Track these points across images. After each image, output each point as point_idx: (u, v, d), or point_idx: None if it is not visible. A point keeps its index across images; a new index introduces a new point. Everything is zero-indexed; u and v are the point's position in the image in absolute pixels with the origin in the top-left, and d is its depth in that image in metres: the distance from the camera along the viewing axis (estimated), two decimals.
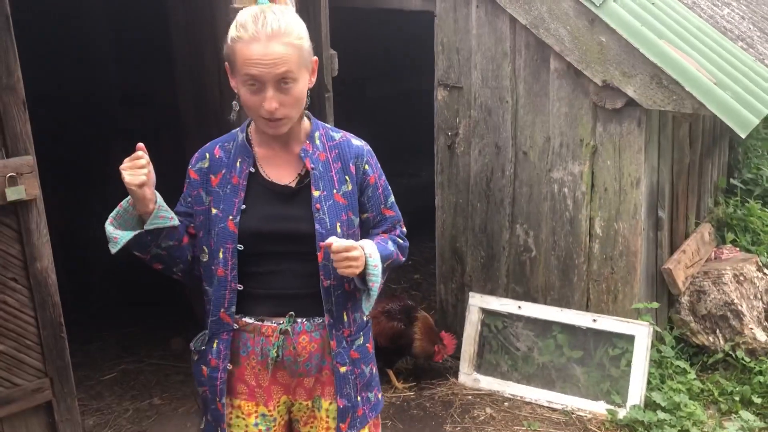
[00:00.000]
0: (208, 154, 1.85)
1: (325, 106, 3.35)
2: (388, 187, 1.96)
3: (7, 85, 2.60)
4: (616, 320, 3.41)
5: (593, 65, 3.13)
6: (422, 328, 3.61)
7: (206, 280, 1.86)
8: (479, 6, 3.42)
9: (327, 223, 1.78)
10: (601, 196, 3.35)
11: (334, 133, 1.89)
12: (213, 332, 1.85)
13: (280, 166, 1.83)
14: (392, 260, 1.89)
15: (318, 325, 1.83)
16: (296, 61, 1.68)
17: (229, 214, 1.78)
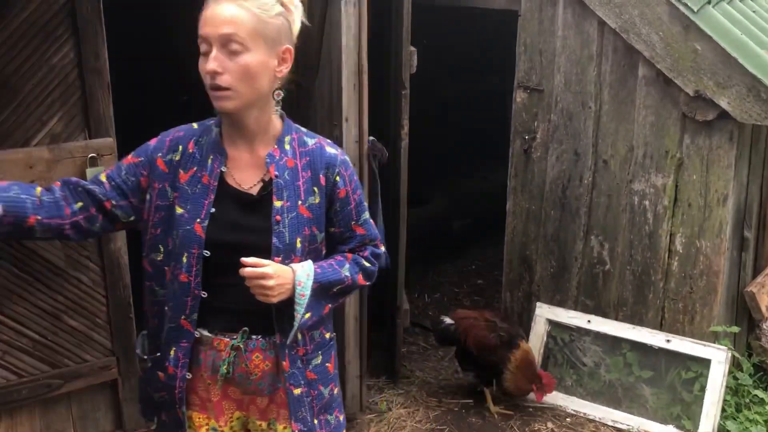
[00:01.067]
0: (181, 147, 1.69)
1: (401, 102, 3.30)
2: (362, 203, 1.81)
3: (93, 67, 2.65)
4: (691, 342, 3.24)
5: (685, 74, 2.98)
6: (520, 359, 3.32)
7: (156, 280, 1.72)
8: (566, 7, 3.31)
9: (286, 237, 1.65)
10: (684, 211, 3.19)
11: (308, 138, 1.73)
12: (170, 339, 1.72)
13: (243, 168, 1.68)
14: (344, 285, 1.75)
15: (274, 343, 1.71)
16: (249, 27, 1.55)
17: (197, 217, 1.64)
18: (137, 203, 1.70)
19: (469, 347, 3.42)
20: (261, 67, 1.57)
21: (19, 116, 2.57)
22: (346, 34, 2.79)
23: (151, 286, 1.75)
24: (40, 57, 2.56)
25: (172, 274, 1.68)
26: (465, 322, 3.50)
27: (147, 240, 1.72)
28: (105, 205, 1.67)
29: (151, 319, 1.79)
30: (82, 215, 1.65)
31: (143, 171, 1.69)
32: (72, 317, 2.82)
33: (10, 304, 2.70)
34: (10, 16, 2.47)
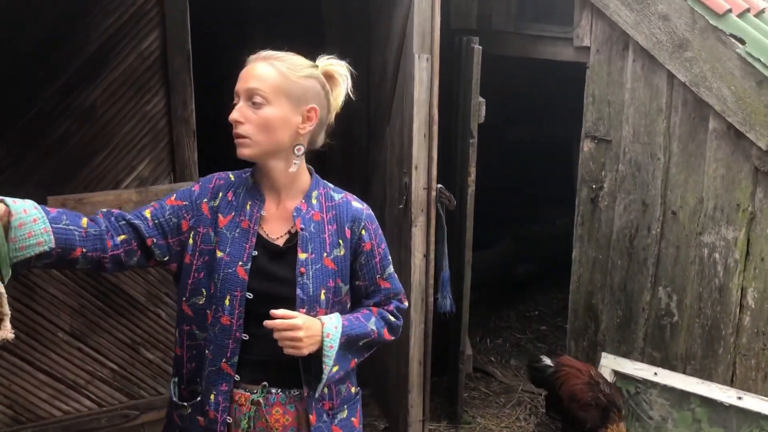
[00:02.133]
0: (221, 194, 1.75)
1: (468, 151, 3.38)
2: (387, 257, 1.82)
3: (182, 117, 2.83)
4: (765, 401, 3.15)
5: (758, 128, 2.96)
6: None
7: (197, 323, 1.73)
8: (635, 60, 3.34)
9: (310, 289, 1.68)
10: (757, 265, 3.14)
11: (334, 194, 1.78)
12: (210, 383, 1.71)
13: (271, 220, 1.74)
14: (370, 339, 1.76)
15: (294, 397, 1.72)
16: (273, 83, 1.65)
17: (239, 260, 1.67)
18: (174, 245, 1.73)
19: (562, 394, 3.32)
20: (281, 121, 1.65)
21: (112, 161, 2.77)
22: (419, 87, 2.89)
23: (191, 330, 1.75)
24: (134, 106, 2.77)
25: (214, 317, 1.69)
26: (566, 370, 3.39)
27: (189, 284, 1.73)
28: (147, 241, 1.69)
29: (186, 363, 1.78)
30: (123, 249, 1.67)
31: (186, 215, 1.73)
32: (149, 350, 2.97)
33: (94, 336, 2.87)
34: (109, 69, 2.69)
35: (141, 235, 1.69)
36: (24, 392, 2.76)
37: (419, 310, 3.11)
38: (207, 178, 1.80)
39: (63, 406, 2.84)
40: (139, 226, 1.69)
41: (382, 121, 3.34)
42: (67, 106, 2.64)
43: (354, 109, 3.99)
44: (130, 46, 2.71)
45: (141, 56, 2.74)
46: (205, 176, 1.82)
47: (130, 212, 1.73)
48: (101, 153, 2.74)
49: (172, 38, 2.76)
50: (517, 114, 5.59)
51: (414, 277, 3.06)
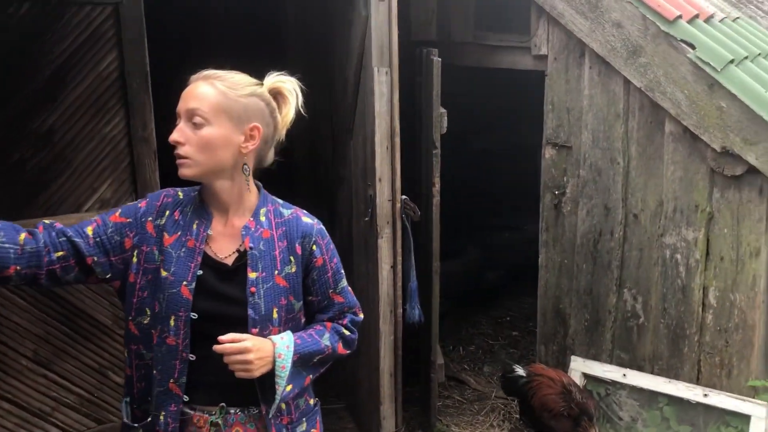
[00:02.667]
0: (168, 212, 1.72)
1: (432, 162, 3.40)
2: (340, 271, 1.82)
3: (142, 137, 2.82)
4: (730, 397, 3.21)
5: (712, 131, 3.03)
6: None
7: (143, 343, 1.71)
8: (592, 67, 3.41)
9: (261, 308, 1.67)
10: (717, 264, 3.21)
11: (284, 210, 1.77)
12: (159, 403, 1.70)
13: (218, 239, 1.71)
14: (324, 355, 1.76)
15: (254, 415, 1.72)
16: (213, 103, 1.63)
17: (183, 280, 1.65)
18: (117, 262, 1.69)
19: (534, 404, 3.33)
20: (222, 141, 1.64)
21: (72, 183, 2.74)
22: (379, 100, 2.92)
23: (138, 350, 1.73)
24: (93, 128, 2.74)
25: (160, 337, 1.67)
26: (539, 380, 3.39)
27: (134, 303, 1.70)
28: (87, 260, 1.66)
29: (136, 383, 1.76)
30: (60, 265, 1.63)
31: (129, 233, 1.70)
32: (117, 374, 2.93)
33: (60, 362, 2.82)
34: (67, 91, 2.66)
35: (81, 254, 1.65)
36: None
37: (388, 322, 3.12)
38: (155, 195, 1.77)
39: None
40: (79, 245, 1.65)
41: (346, 136, 3.36)
42: (23, 131, 2.61)
43: (319, 125, 4.02)
44: (87, 68, 2.68)
45: (99, 78, 2.71)
46: (154, 192, 1.80)
47: (71, 227, 1.68)
48: (61, 176, 2.71)
49: (130, 59, 2.74)
50: (483, 123, 5.65)
51: (382, 288, 3.08)
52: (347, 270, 3.52)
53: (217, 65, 1.76)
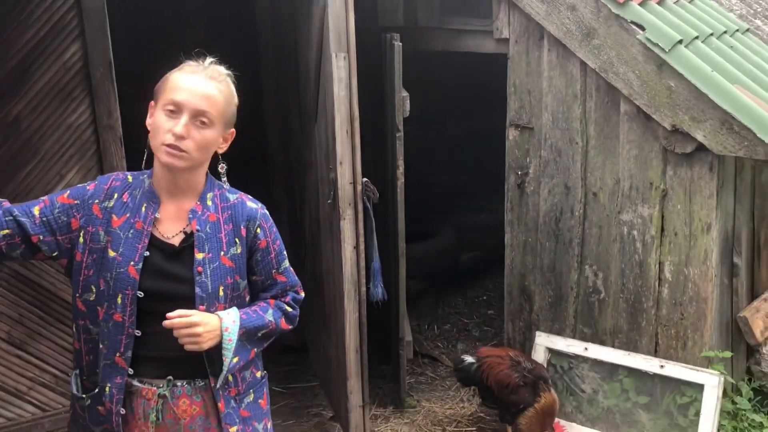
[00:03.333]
0: (116, 195, 1.81)
1: (395, 144, 3.49)
2: (282, 252, 1.93)
3: (107, 125, 2.91)
4: (684, 367, 3.32)
5: (662, 110, 3.12)
6: (545, 407, 3.33)
7: (90, 318, 1.81)
8: (551, 49, 3.49)
9: (208, 287, 1.77)
10: (671, 240, 3.31)
11: (230, 195, 1.87)
12: (105, 376, 1.80)
13: (166, 221, 1.81)
14: (268, 330, 1.87)
15: (200, 387, 1.82)
16: (219, 110, 1.75)
17: (131, 260, 1.75)
18: (64, 242, 1.78)
19: (491, 385, 3.41)
20: (214, 142, 1.77)
21: (40, 171, 2.83)
22: (338, 85, 3.00)
23: (85, 324, 1.82)
24: (58, 117, 2.83)
25: (107, 313, 1.76)
26: (488, 360, 3.48)
27: (80, 281, 1.79)
28: (32, 238, 1.75)
29: (85, 356, 1.85)
30: (5, 242, 1.73)
31: (76, 213, 1.79)
32: None
33: (34, 344, 2.93)
34: (32, 82, 2.75)
35: (26, 232, 1.74)
36: None
37: (352, 300, 3.23)
38: (104, 178, 1.86)
39: (6, 413, 2.90)
40: (24, 224, 1.74)
41: (310, 121, 3.45)
42: None
43: (290, 113, 4.11)
44: (51, 59, 2.77)
45: (63, 68, 2.80)
46: (104, 175, 1.89)
47: (18, 206, 1.77)
48: (28, 164, 2.80)
49: (93, 49, 2.82)
50: (459, 108, 5.73)
51: (345, 268, 3.17)
52: (317, 251, 3.63)
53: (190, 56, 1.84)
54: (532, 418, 3.33)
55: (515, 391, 3.34)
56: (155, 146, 1.75)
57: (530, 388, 3.34)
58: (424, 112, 5.45)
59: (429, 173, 5.40)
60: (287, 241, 4.53)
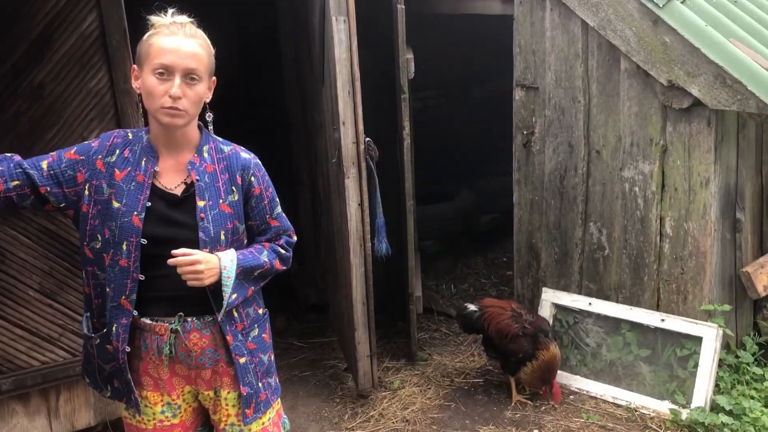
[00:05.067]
0: (118, 151, 1.95)
1: (401, 106, 3.60)
2: (275, 199, 2.07)
3: (124, 89, 3.11)
4: (684, 321, 3.39)
5: (658, 65, 3.15)
6: (546, 361, 3.43)
7: (97, 264, 1.95)
8: (553, 9, 3.53)
9: (211, 231, 1.92)
10: (672, 195, 3.35)
11: (224, 146, 2.01)
12: (112, 316, 1.95)
13: (167, 173, 1.95)
14: (263, 269, 2.02)
15: (208, 322, 1.97)
16: (204, 64, 1.88)
17: (134, 210, 1.90)
18: (71, 194, 1.95)
19: (492, 334, 3.55)
20: (204, 95, 1.91)
21: (63, 134, 3.06)
22: (338, 47, 3.13)
23: (93, 270, 1.97)
24: (79, 83, 3.04)
25: (112, 259, 1.91)
26: (490, 310, 3.62)
27: (87, 230, 1.95)
28: (40, 189, 1.91)
29: (94, 299, 2.01)
30: (15, 192, 1.90)
31: (81, 168, 1.94)
32: None
33: (64, 294, 3.18)
34: (53, 50, 2.96)
35: (34, 183, 1.91)
36: (3, 346, 3.09)
37: (358, 255, 3.38)
38: (106, 135, 2.02)
39: (40, 357, 3.17)
40: (33, 176, 1.90)
41: (318, 84, 3.59)
42: (17, 87, 2.93)
43: (305, 77, 4.25)
44: (70, 28, 2.97)
45: (82, 37, 3.00)
46: (106, 132, 2.05)
47: (28, 160, 1.94)
48: (53, 128, 3.03)
49: (109, 18, 3.01)
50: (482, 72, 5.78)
51: (351, 224, 3.33)
52: (329, 211, 3.79)
53: None
54: (532, 371, 3.45)
55: (514, 341, 3.46)
56: (154, 109, 1.87)
57: (530, 339, 3.46)
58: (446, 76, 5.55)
59: (450, 136, 5.49)
60: (307, 203, 4.75)
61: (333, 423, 3.50)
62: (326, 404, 3.67)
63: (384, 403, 3.61)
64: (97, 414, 3.34)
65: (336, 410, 3.61)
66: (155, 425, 2.07)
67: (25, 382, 3.10)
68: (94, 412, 3.33)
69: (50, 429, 3.25)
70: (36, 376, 3.15)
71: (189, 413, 2.11)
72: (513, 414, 3.50)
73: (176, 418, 2.08)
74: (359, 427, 3.44)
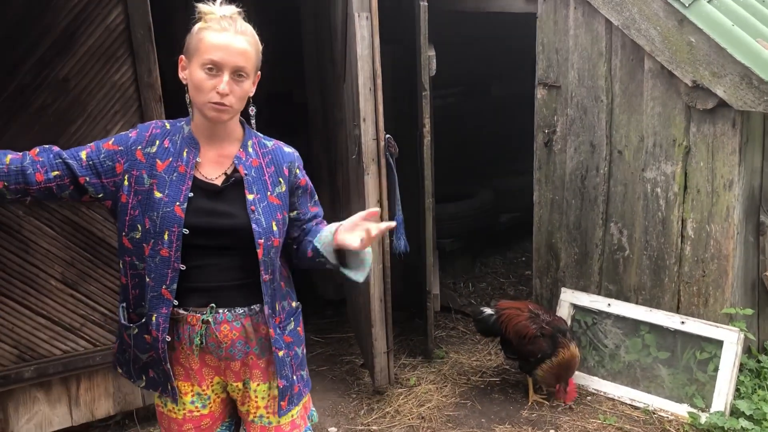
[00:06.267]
0: (158, 141, 1.95)
1: (422, 103, 3.60)
2: (313, 188, 2.13)
3: (148, 83, 3.14)
4: (704, 324, 3.35)
5: (683, 65, 3.12)
6: (565, 360, 3.42)
7: (136, 255, 1.96)
8: (577, 7, 3.51)
9: (263, 222, 1.94)
10: (694, 197, 3.32)
11: (266, 141, 2.05)
12: (152, 306, 1.96)
13: (208, 164, 1.97)
14: None
15: (239, 315, 1.98)
16: (252, 61, 1.89)
17: (176, 200, 1.91)
18: (109, 184, 1.95)
19: (510, 336, 3.54)
20: (249, 90, 1.93)
21: (87, 127, 3.10)
22: (360, 44, 3.13)
23: (132, 261, 1.97)
24: (103, 76, 3.08)
25: (153, 249, 1.92)
26: (507, 312, 3.60)
27: (126, 220, 1.95)
28: (79, 180, 1.91)
29: (131, 290, 2.01)
30: (55, 183, 1.91)
31: (120, 159, 1.94)
32: None
33: (85, 285, 3.23)
34: (79, 44, 3.00)
35: (74, 174, 1.91)
36: (26, 334, 3.14)
37: (376, 251, 3.39)
38: (144, 126, 2.03)
39: (61, 346, 3.22)
40: (72, 166, 1.91)
41: (339, 80, 3.60)
42: (44, 79, 2.97)
43: (327, 72, 4.26)
44: (96, 22, 3.01)
45: (107, 30, 3.04)
46: (143, 123, 2.07)
47: (67, 151, 1.94)
48: (77, 120, 3.07)
49: (134, 12, 3.05)
50: (503, 70, 5.76)
51: None
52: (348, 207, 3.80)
53: None
54: (548, 369, 3.44)
55: (532, 342, 3.44)
56: (201, 103, 1.88)
57: (549, 339, 3.44)
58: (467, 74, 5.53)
59: (469, 134, 5.48)
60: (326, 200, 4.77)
61: (349, 418, 3.51)
62: (342, 399, 3.68)
63: (400, 400, 3.62)
64: (116, 403, 3.38)
65: (352, 405, 3.62)
66: (185, 415, 2.09)
67: (47, 371, 3.15)
68: (114, 402, 3.37)
69: (71, 417, 3.29)
70: (57, 364, 3.20)
71: (218, 404, 2.13)
72: (529, 414, 3.49)
73: (205, 409, 2.10)
74: (375, 423, 3.45)
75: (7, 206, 2.96)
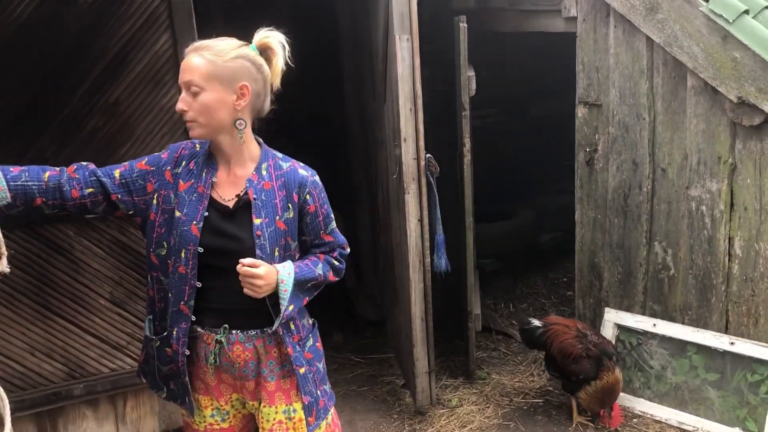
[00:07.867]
0: (184, 162, 2.04)
1: (462, 123, 3.62)
2: (330, 215, 2.12)
3: None
4: (755, 345, 3.27)
5: (727, 82, 3.08)
6: (608, 384, 3.37)
7: (162, 271, 2.04)
8: (617, 26, 3.50)
9: (267, 249, 1.97)
10: (741, 215, 3.25)
11: (283, 163, 2.06)
12: (173, 321, 2.03)
13: (221, 185, 2.02)
14: (317, 281, 2.08)
15: (252, 336, 2.03)
16: (204, 72, 1.90)
17: (193, 219, 1.97)
18: (140, 202, 2.04)
19: (554, 352, 3.51)
20: (217, 103, 1.92)
21: (135, 150, 3.18)
22: (401, 65, 3.17)
23: (158, 276, 2.06)
24: (152, 101, 3.17)
25: (173, 266, 1.99)
26: (554, 327, 3.58)
27: (153, 237, 2.04)
28: (111, 197, 2.01)
29: (157, 303, 2.10)
30: (90, 199, 2.01)
31: (151, 178, 2.04)
32: None
33: (132, 304, 3.30)
34: (128, 69, 3.10)
35: (107, 191, 2.02)
36: (76, 352, 3.22)
37: (417, 271, 3.40)
38: (174, 147, 2.09)
39: (109, 364, 3.28)
40: (106, 183, 2.01)
41: (380, 101, 3.64)
42: (95, 103, 3.07)
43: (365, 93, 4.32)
44: (145, 48, 3.11)
45: (155, 56, 3.13)
46: (174, 144, 2.14)
47: (102, 169, 2.05)
48: (126, 143, 3.16)
49: (181, 38, 3.14)
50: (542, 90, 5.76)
51: (410, 240, 3.35)
52: (388, 227, 3.82)
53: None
54: (592, 393, 3.38)
55: (576, 361, 3.40)
56: None
57: (593, 361, 3.39)
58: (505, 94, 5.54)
59: (509, 154, 5.47)
60: (366, 220, 4.80)
61: None
62: (384, 420, 3.67)
63: (442, 421, 3.59)
64: (161, 422, 3.42)
65: (394, 426, 3.60)
66: (205, 428, 2.15)
67: (95, 388, 3.22)
68: (159, 420, 3.42)
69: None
70: (105, 382, 3.26)
71: (239, 419, 2.17)
72: None
73: (225, 423, 2.15)
74: None
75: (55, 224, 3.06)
